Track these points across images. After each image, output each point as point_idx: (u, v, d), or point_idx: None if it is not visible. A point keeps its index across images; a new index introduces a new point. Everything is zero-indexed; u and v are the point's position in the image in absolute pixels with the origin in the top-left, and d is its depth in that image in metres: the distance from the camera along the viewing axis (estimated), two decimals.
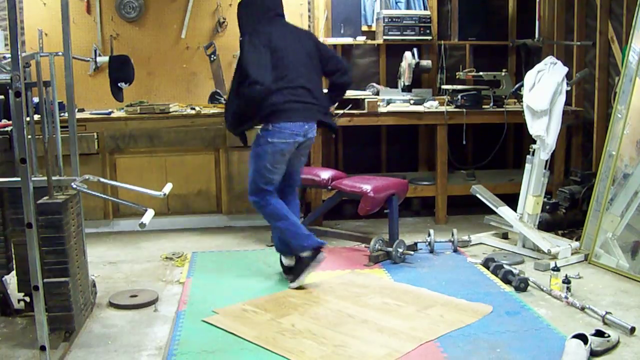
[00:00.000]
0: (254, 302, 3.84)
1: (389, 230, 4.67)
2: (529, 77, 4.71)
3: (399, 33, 5.91)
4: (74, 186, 3.28)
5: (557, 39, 5.83)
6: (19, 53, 2.79)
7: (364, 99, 5.47)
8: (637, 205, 4.27)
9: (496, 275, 4.23)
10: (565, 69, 4.64)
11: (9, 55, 2.88)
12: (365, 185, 4.59)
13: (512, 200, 4.96)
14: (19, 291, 3.62)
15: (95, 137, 5.31)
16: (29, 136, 3.18)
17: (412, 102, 5.63)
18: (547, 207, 5.06)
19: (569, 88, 4.69)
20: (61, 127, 3.64)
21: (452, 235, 4.84)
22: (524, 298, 3.89)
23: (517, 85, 5.22)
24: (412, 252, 4.63)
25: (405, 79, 5.80)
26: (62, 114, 4.40)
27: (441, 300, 3.86)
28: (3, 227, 3.55)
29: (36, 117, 3.85)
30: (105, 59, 5.07)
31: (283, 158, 4.03)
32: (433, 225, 5.57)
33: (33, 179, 3.03)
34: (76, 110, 4.07)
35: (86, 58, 5.22)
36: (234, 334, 3.42)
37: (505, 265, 4.25)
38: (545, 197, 4.88)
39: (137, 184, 3.74)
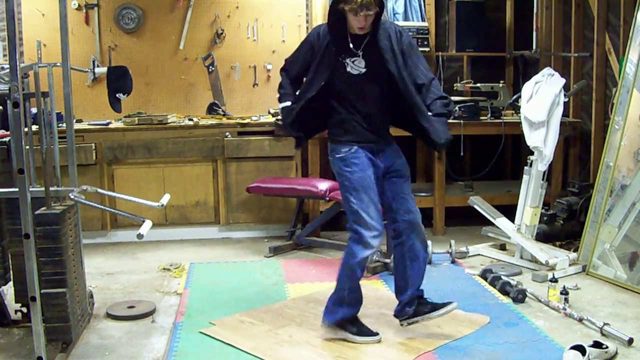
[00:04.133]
0: (251, 314, 3.83)
1: (387, 241, 4.66)
2: (527, 88, 4.73)
3: None
4: (72, 197, 3.28)
5: (555, 51, 5.85)
6: (18, 64, 2.80)
7: None
8: (634, 216, 4.28)
9: (494, 286, 4.23)
10: (563, 81, 4.65)
11: (8, 66, 2.89)
12: None
13: (509, 212, 4.97)
14: (16, 302, 3.62)
15: (93, 147, 5.31)
16: (27, 147, 3.17)
17: None
18: (545, 218, 5.06)
19: (566, 99, 4.71)
20: (59, 137, 3.65)
21: (450, 246, 4.84)
22: (521, 309, 3.89)
23: (514, 97, 5.24)
24: None
25: None
26: (60, 125, 4.44)
27: None
28: (0, 238, 3.55)
29: (34, 127, 3.86)
30: (104, 69, 5.09)
31: None
32: (431, 236, 5.55)
33: (31, 189, 3.03)
34: (74, 121, 4.07)
35: (84, 69, 5.23)
36: (232, 345, 3.41)
37: (503, 277, 4.24)
38: (542, 208, 4.88)
39: (134, 194, 3.75)
